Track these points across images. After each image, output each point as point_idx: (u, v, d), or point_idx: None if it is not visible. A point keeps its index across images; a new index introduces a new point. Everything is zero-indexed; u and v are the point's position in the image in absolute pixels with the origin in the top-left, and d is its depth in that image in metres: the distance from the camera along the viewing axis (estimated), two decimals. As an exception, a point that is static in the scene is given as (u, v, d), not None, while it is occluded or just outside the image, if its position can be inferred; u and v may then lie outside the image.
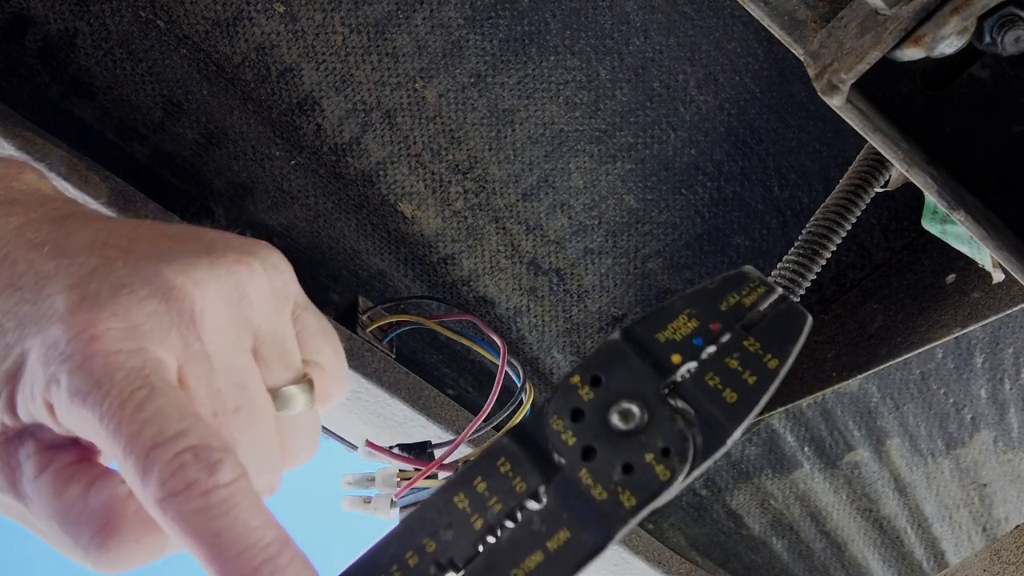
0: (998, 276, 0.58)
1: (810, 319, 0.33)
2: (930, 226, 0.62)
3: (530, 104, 0.68)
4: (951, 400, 0.85)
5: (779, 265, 0.58)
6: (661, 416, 0.31)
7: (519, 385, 0.63)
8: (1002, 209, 0.45)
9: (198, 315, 0.33)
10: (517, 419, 0.62)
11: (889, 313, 0.68)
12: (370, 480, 0.64)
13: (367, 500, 0.63)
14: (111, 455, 0.31)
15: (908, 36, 0.36)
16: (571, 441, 0.31)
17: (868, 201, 0.56)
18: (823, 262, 0.56)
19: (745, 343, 0.32)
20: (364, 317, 0.68)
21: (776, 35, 0.41)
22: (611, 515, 0.30)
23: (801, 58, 0.40)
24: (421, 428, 0.71)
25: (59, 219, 0.36)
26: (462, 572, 0.30)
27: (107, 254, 0.34)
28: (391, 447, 0.63)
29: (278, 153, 0.67)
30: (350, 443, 0.76)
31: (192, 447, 0.30)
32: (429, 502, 0.31)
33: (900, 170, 0.42)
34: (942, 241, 0.61)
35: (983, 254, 0.59)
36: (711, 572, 0.87)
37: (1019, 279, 0.45)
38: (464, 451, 0.64)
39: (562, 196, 0.72)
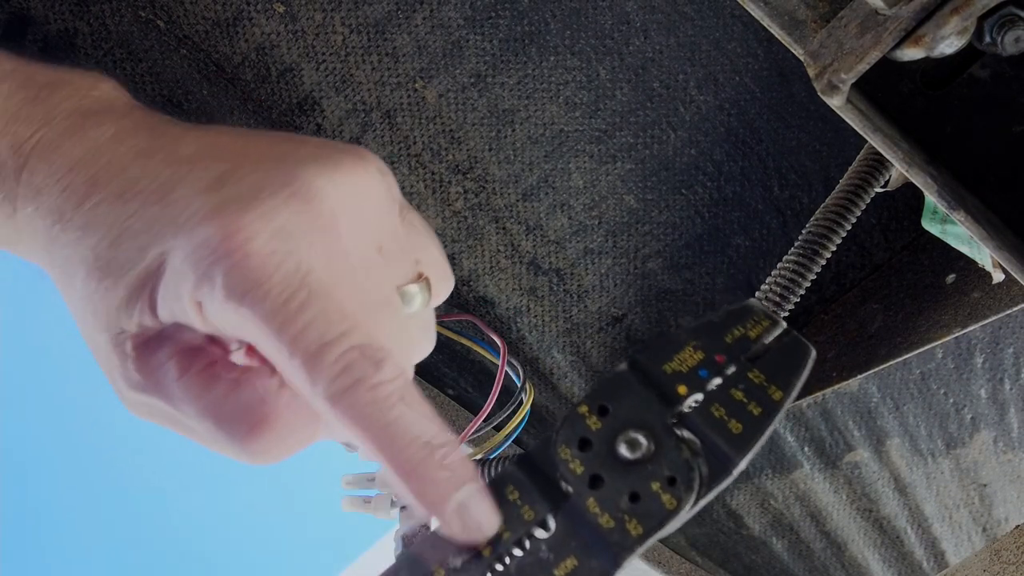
0: (998, 276, 0.58)
1: (813, 352, 0.33)
2: (930, 226, 0.62)
3: (530, 104, 0.68)
4: (951, 400, 0.85)
5: (779, 265, 0.58)
6: (667, 446, 0.32)
7: (519, 385, 0.63)
8: (1002, 209, 0.45)
9: (336, 216, 0.34)
10: (517, 419, 0.62)
11: (889, 313, 0.68)
12: (370, 480, 0.64)
13: (367, 500, 0.63)
14: (271, 352, 0.32)
15: (908, 36, 0.36)
16: (579, 470, 0.32)
17: (868, 201, 0.56)
18: (823, 262, 0.56)
19: (750, 375, 0.33)
20: (364, 317, 0.68)
21: (776, 35, 0.41)
22: (618, 543, 0.31)
23: (801, 58, 0.40)
24: (421, 428, 0.71)
25: (151, 127, 0.36)
26: None
27: (228, 159, 0.34)
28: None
29: (278, 153, 0.67)
30: (350, 443, 0.76)
31: (357, 346, 0.31)
32: (439, 530, 0.31)
33: (900, 170, 0.42)
34: (942, 241, 0.61)
35: (983, 254, 0.59)
36: (711, 572, 0.87)
37: (1019, 279, 0.45)
38: (464, 451, 0.64)
39: (562, 196, 0.72)
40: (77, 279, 0.34)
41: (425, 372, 0.73)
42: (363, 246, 0.36)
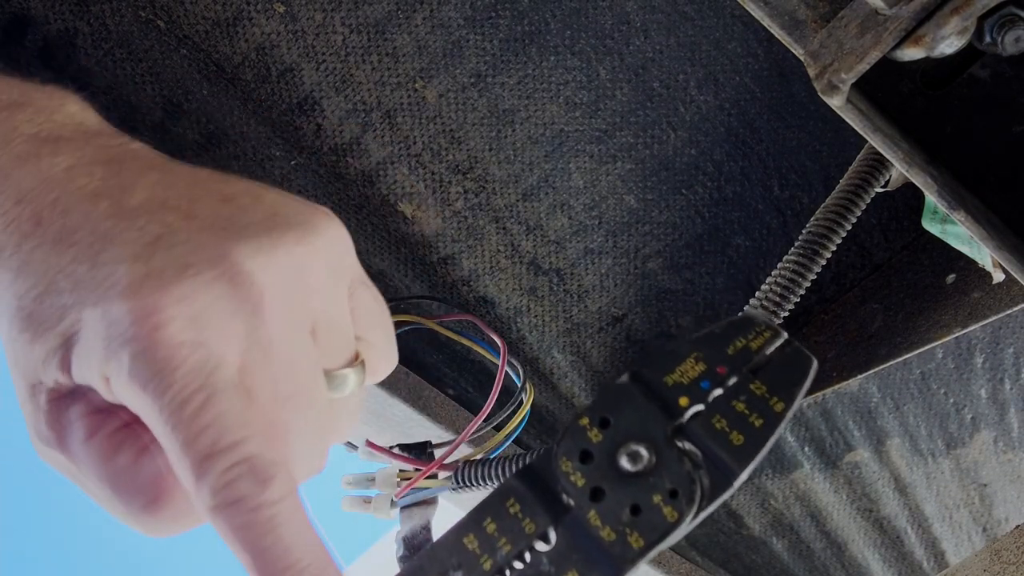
0: (998, 276, 0.58)
1: (815, 363, 0.33)
2: (930, 226, 0.62)
3: (530, 104, 0.68)
4: (951, 400, 0.85)
5: (779, 265, 0.58)
6: (669, 458, 0.32)
7: (519, 385, 0.63)
8: (1002, 209, 0.45)
9: (263, 302, 0.33)
10: (517, 419, 0.62)
11: (889, 313, 0.68)
12: (370, 480, 0.64)
13: (367, 500, 0.63)
14: (164, 446, 0.31)
15: (908, 36, 0.36)
16: (580, 482, 0.32)
17: (868, 201, 0.56)
18: (823, 262, 0.56)
19: (752, 386, 0.33)
20: (364, 317, 0.68)
21: (776, 35, 0.41)
22: (619, 556, 0.31)
23: (801, 58, 0.40)
24: (421, 428, 0.71)
25: (109, 161, 0.35)
26: None
27: (168, 220, 0.33)
28: (391, 447, 0.63)
29: (278, 153, 0.67)
30: (350, 443, 0.76)
31: (247, 459, 0.30)
32: (439, 543, 0.31)
33: (900, 170, 0.42)
34: (942, 241, 0.61)
35: (983, 254, 0.59)
36: (711, 572, 0.87)
37: (1019, 279, 0.45)
38: (464, 451, 0.64)
39: (562, 196, 0.72)
40: (3, 323, 0.33)
41: (425, 372, 0.73)
42: (292, 330, 0.34)
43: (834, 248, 0.56)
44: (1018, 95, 0.44)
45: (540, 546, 0.31)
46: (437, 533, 0.67)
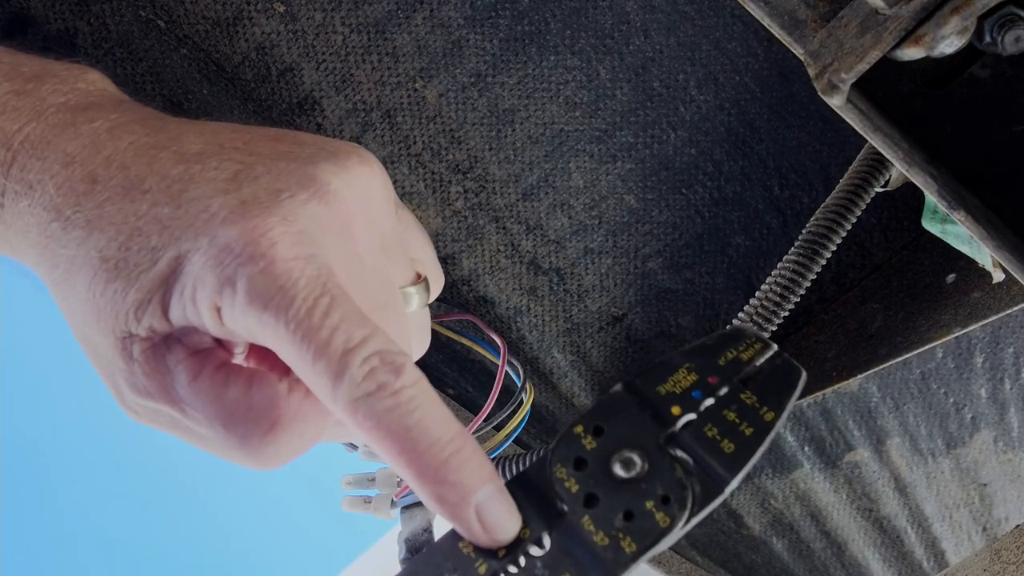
0: (998, 276, 0.58)
1: (804, 374, 0.34)
2: (930, 226, 0.62)
3: (530, 104, 0.68)
4: (951, 400, 0.85)
5: (779, 265, 0.58)
6: (661, 465, 0.32)
7: (519, 385, 0.63)
8: (1002, 209, 0.45)
9: (351, 219, 0.34)
10: (517, 419, 0.62)
11: (889, 313, 0.68)
12: (370, 480, 0.64)
13: (367, 500, 0.63)
14: (292, 358, 0.31)
15: (908, 36, 0.36)
16: (574, 488, 0.32)
17: (868, 201, 0.57)
18: (823, 262, 0.56)
19: (742, 396, 0.34)
20: (364, 317, 0.68)
21: (776, 35, 0.41)
22: (612, 560, 0.31)
23: (801, 58, 0.40)
24: (421, 428, 0.71)
25: (143, 120, 0.35)
26: None
27: (237, 158, 0.34)
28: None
29: (278, 153, 0.67)
30: (350, 443, 0.76)
31: (378, 351, 0.31)
32: (435, 547, 0.32)
33: (900, 170, 0.42)
34: (942, 241, 0.61)
35: (983, 254, 0.59)
36: (711, 572, 0.87)
37: (1019, 279, 0.45)
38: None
39: (562, 196, 0.72)
40: (79, 281, 0.33)
41: (425, 372, 0.73)
42: (371, 247, 0.36)
43: (834, 248, 0.56)
44: (1018, 95, 0.44)
45: (534, 551, 0.31)
46: (438, 534, 0.67)
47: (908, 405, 0.85)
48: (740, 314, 0.59)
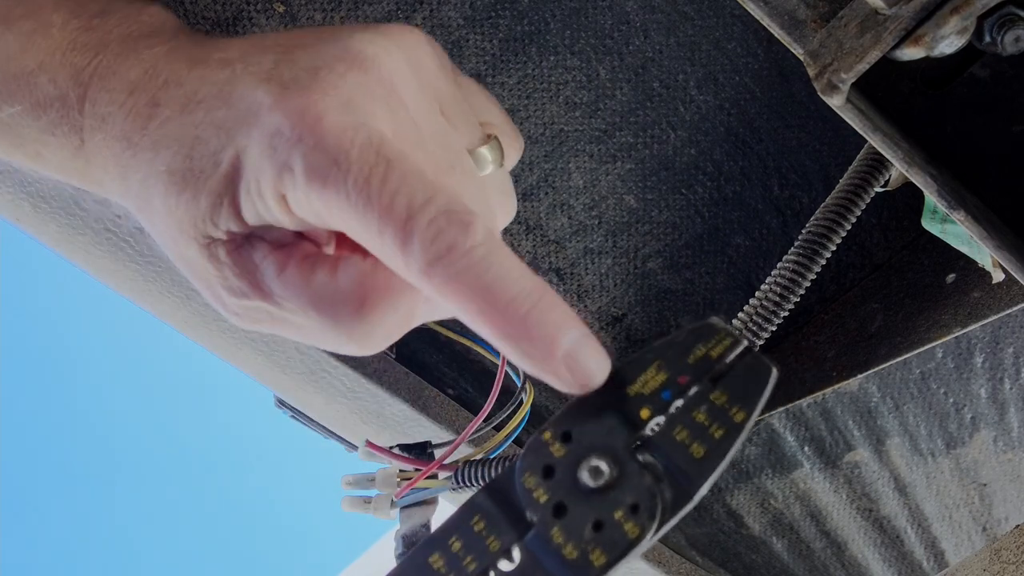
0: (998, 276, 0.58)
1: (775, 371, 0.33)
2: (930, 226, 0.62)
3: (530, 104, 0.68)
4: (951, 400, 0.85)
5: (779, 265, 0.58)
6: (630, 472, 0.32)
7: (519, 385, 0.63)
8: (1002, 209, 0.45)
9: (395, 83, 0.34)
10: (517, 419, 0.62)
11: (889, 313, 0.68)
12: (370, 480, 0.64)
13: (367, 500, 0.63)
14: (360, 232, 0.31)
15: (908, 36, 0.36)
16: (543, 498, 0.32)
17: (868, 201, 0.56)
18: (823, 262, 0.56)
19: (712, 396, 0.33)
20: (364, 317, 0.68)
21: (776, 35, 0.41)
22: (582, 574, 0.31)
23: (801, 58, 0.40)
24: (421, 428, 0.71)
25: (199, 43, 0.36)
26: None
27: (278, 49, 0.34)
28: (391, 447, 0.63)
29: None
30: (350, 443, 0.76)
31: (444, 211, 0.31)
32: (407, 562, 0.31)
33: (900, 170, 0.42)
34: (942, 241, 0.61)
35: (983, 254, 0.59)
36: (711, 572, 0.87)
37: (1019, 279, 0.45)
38: (464, 451, 0.64)
39: (562, 196, 0.72)
40: (155, 198, 0.34)
41: (425, 372, 0.73)
42: (426, 111, 0.35)
43: (834, 248, 0.56)
44: (1018, 95, 0.44)
45: (504, 565, 0.31)
46: (437, 533, 0.67)
47: (908, 405, 0.85)
48: (740, 314, 0.59)
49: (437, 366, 0.75)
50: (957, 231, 0.60)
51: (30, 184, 0.60)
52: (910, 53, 0.37)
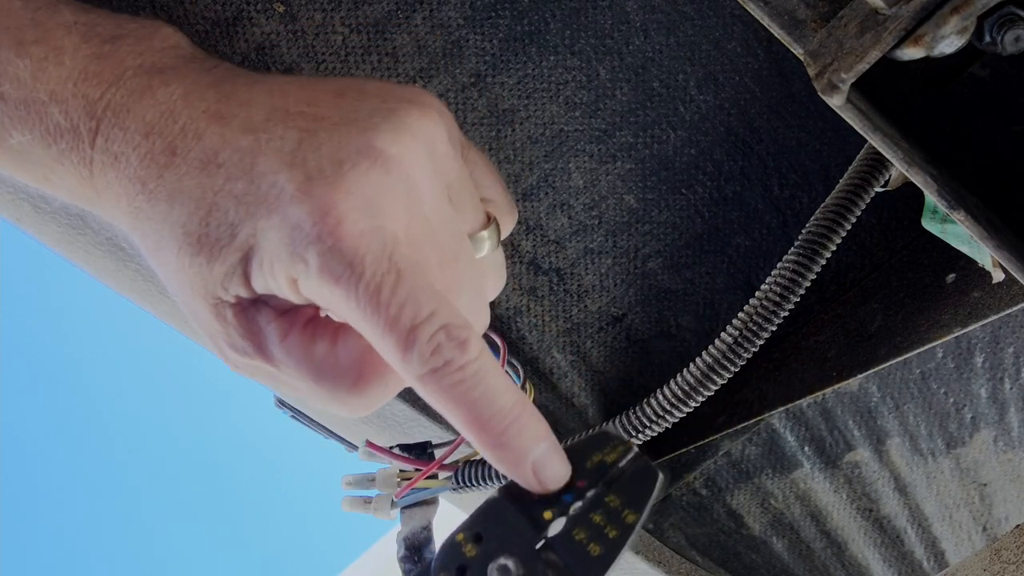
0: (998, 276, 0.58)
1: (661, 477, 0.38)
2: (930, 226, 0.62)
3: (530, 104, 0.68)
4: (951, 400, 0.85)
5: (779, 264, 0.58)
6: (535, 570, 0.35)
7: (519, 385, 0.63)
8: (1002, 209, 0.45)
9: (413, 179, 0.36)
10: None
11: (889, 313, 0.68)
12: (370, 480, 0.64)
13: (367, 500, 0.63)
14: (364, 329, 0.34)
15: (908, 36, 0.36)
16: None
17: (868, 201, 0.57)
18: (823, 262, 0.56)
19: (607, 499, 0.37)
20: (364, 317, 0.68)
21: (776, 35, 0.41)
22: None
23: (801, 58, 0.40)
24: (421, 428, 0.71)
25: (217, 84, 0.36)
26: None
27: (301, 125, 0.35)
28: (391, 447, 0.63)
29: (278, 153, 0.66)
30: (350, 443, 0.76)
31: (444, 326, 0.34)
32: None
33: (900, 169, 0.42)
34: (942, 241, 0.61)
35: (983, 254, 0.58)
36: (711, 572, 0.87)
37: (1019, 278, 0.45)
38: (464, 451, 0.64)
39: (562, 196, 0.72)
40: (169, 253, 0.35)
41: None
42: (438, 202, 0.37)
43: (834, 248, 0.56)
44: (1018, 95, 0.44)
45: None
46: (437, 533, 0.67)
47: (908, 405, 0.85)
48: (740, 314, 0.59)
49: (437, 366, 0.75)
50: (957, 231, 0.60)
51: (30, 184, 0.60)
52: (910, 53, 0.37)
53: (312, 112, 0.35)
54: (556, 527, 0.36)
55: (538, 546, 0.36)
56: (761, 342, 0.58)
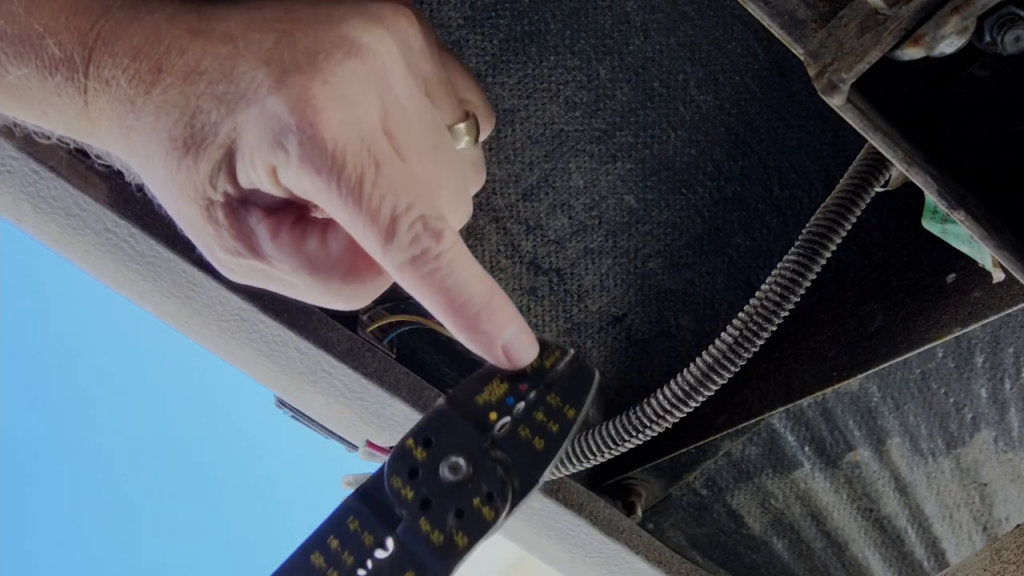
0: (998, 275, 0.58)
1: (597, 375, 0.40)
2: (930, 225, 0.62)
3: (530, 104, 0.68)
4: (951, 399, 0.85)
5: (779, 264, 0.58)
6: (484, 466, 0.37)
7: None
8: (1002, 209, 0.45)
9: (387, 69, 0.37)
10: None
11: (889, 312, 0.68)
12: (370, 480, 0.64)
13: (367, 500, 0.63)
14: (344, 220, 0.35)
15: (908, 36, 0.36)
16: (410, 496, 0.37)
17: (868, 201, 0.56)
18: (823, 261, 0.56)
19: (548, 398, 0.39)
20: (364, 317, 0.68)
21: (776, 35, 0.41)
22: (449, 554, 0.36)
23: (801, 58, 0.40)
24: (421, 428, 0.71)
25: (198, 7, 0.38)
26: None
27: (277, 28, 0.37)
28: (391, 447, 0.63)
29: (278, 153, 0.66)
30: (350, 443, 0.76)
31: (422, 217, 0.35)
32: (288, 563, 0.36)
33: (900, 169, 0.42)
34: (942, 241, 0.61)
35: (983, 253, 0.58)
36: (712, 572, 0.87)
37: (1019, 278, 0.45)
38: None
39: (562, 196, 0.72)
40: (157, 161, 0.36)
41: (425, 372, 0.73)
42: (413, 93, 0.38)
43: (834, 248, 0.56)
44: (1018, 95, 0.44)
45: (379, 554, 0.36)
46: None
47: (908, 405, 0.85)
48: (740, 314, 0.59)
49: (437, 366, 0.75)
50: (957, 231, 0.60)
51: (30, 184, 0.60)
52: (910, 53, 0.37)
53: (289, 16, 0.37)
54: (501, 428, 0.38)
55: (485, 445, 0.38)
56: (761, 342, 0.58)
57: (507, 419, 0.38)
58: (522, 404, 0.39)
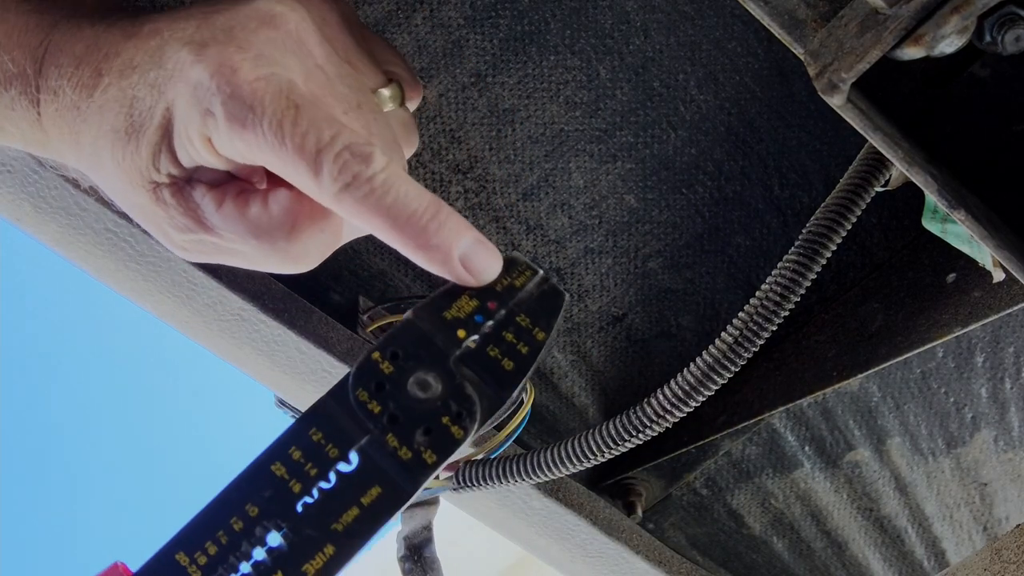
0: (998, 275, 0.58)
1: (567, 296, 0.40)
2: (930, 225, 0.62)
3: (530, 104, 0.68)
4: (952, 399, 0.85)
5: (780, 264, 0.58)
6: (452, 384, 0.37)
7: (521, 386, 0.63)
8: (1002, 208, 0.45)
9: (302, 36, 0.39)
10: (518, 419, 0.62)
11: (890, 312, 0.68)
12: (370, 480, 0.64)
13: (367, 500, 0.63)
14: (278, 165, 0.36)
15: (908, 35, 0.36)
16: (376, 409, 0.36)
17: (869, 200, 0.56)
18: (823, 261, 0.56)
19: (518, 319, 0.39)
20: (364, 317, 0.68)
21: (776, 34, 0.41)
22: (416, 470, 0.35)
23: (801, 57, 0.40)
24: (421, 428, 0.71)
25: (134, 15, 0.40)
26: (284, 530, 0.34)
27: (199, 15, 0.39)
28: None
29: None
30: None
31: (347, 145, 0.36)
32: (247, 472, 0.35)
33: (900, 169, 0.42)
34: (942, 240, 0.61)
35: (983, 253, 0.58)
36: (712, 571, 0.87)
37: (1019, 278, 0.45)
38: (465, 451, 0.64)
39: (562, 196, 0.72)
40: (104, 156, 0.38)
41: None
42: (332, 58, 0.40)
43: (834, 247, 0.56)
44: (1018, 95, 0.44)
45: (343, 467, 0.35)
46: (438, 532, 0.67)
47: (908, 404, 0.85)
48: (740, 314, 0.59)
49: (437, 366, 0.75)
50: (957, 230, 0.60)
51: (30, 184, 0.60)
52: (910, 53, 0.37)
53: (211, 6, 0.39)
54: (469, 345, 0.37)
55: (453, 362, 0.37)
56: (761, 342, 0.58)
57: (475, 337, 0.38)
58: (491, 322, 0.38)
